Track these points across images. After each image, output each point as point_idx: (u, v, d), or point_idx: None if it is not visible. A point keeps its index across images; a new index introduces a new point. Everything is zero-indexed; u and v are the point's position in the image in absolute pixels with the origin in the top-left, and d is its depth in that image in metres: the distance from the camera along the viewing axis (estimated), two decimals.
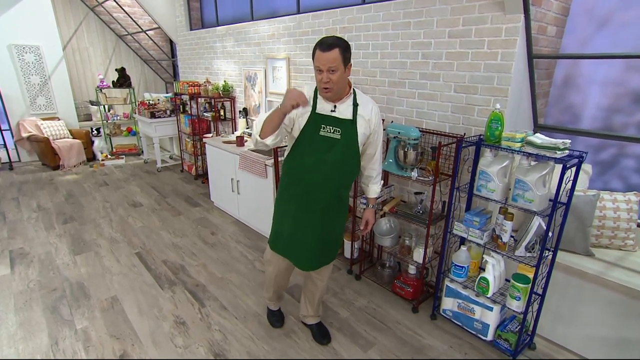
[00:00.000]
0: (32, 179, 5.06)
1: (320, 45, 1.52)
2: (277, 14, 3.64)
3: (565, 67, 2.47)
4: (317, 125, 1.63)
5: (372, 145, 1.78)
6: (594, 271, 1.91)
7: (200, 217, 3.87)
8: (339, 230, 1.89)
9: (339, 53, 1.51)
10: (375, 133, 1.75)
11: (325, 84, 1.55)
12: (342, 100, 1.65)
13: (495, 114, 1.89)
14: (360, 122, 1.67)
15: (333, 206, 1.76)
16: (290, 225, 1.79)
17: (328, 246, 1.85)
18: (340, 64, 1.52)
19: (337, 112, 1.65)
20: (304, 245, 1.79)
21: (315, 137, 1.64)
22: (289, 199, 1.78)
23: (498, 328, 2.07)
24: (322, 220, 1.75)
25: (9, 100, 5.61)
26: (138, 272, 2.82)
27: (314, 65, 1.58)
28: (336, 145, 1.64)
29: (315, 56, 1.55)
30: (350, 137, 1.66)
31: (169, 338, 2.14)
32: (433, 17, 2.28)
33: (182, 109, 5.07)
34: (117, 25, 6.69)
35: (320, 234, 1.77)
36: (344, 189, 1.78)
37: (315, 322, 2.18)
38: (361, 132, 1.67)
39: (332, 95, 1.61)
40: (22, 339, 2.13)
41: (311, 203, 1.72)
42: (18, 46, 5.55)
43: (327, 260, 1.90)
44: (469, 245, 2.19)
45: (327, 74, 1.53)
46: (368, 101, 1.73)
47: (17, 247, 3.18)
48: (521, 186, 1.80)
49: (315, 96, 1.67)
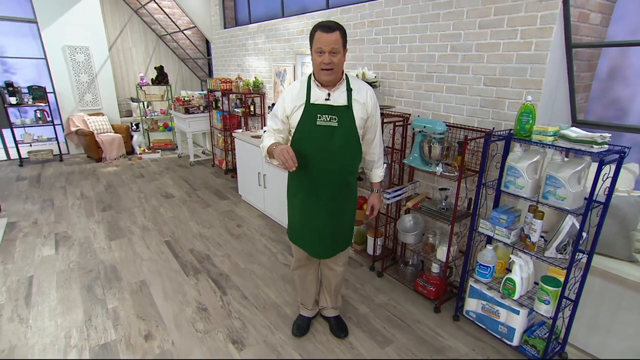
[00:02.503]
0: (78, 169, 5.43)
1: (322, 27, 1.52)
2: (307, 10, 3.67)
3: (611, 57, 2.29)
4: (313, 115, 1.63)
5: (371, 130, 1.77)
6: (636, 278, 1.75)
7: (228, 209, 3.98)
8: (350, 217, 1.87)
9: (340, 36, 1.52)
10: (373, 117, 1.74)
11: (328, 65, 1.54)
12: (335, 87, 1.64)
13: (526, 107, 1.79)
14: (357, 106, 1.66)
15: (340, 193, 1.75)
16: (301, 215, 1.80)
17: (340, 233, 1.84)
18: (341, 47, 1.54)
19: (331, 99, 1.64)
20: (315, 234, 1.79)
21: (313, 127, 1.63)
22: (296, 190, 1.80)
23: (525, 333, 1.95)
24: (331, 208, 1.74)
25: (62, 97, 6.08)
26: (166, 259, 2.95)
27: (312, 48, 1.57)
28: (335, 132, 1.63)
29: (315, 38, 1.54)
30: (348, 123, 1.65)
31: (191, 323, 2.22)
32: (463, 7, 2.19)
33: (215, 105, 5.24)
34: (157, 26, 7.03)
35: (330, 222, 1.76)
36: (350, 175, 1.76)
37: (334, 315, 2.17)
38: (358, 116, 1.66)
39: (333, 78, 1.60)
40: (61, 313, 2.29)
41: (318, 192, 1.72)
42: (70, 47, 5.99)
43: (340, 247, 1.88)
44: (495, 244, 2.08)
45: (329, 56, 1.53)
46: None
47: (62, 230, 3.43)
48: (553, 183, 1.69)
49: (308, 87, 1.66)
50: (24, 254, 2.99)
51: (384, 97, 2.82)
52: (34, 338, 2.07)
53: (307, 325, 2.17)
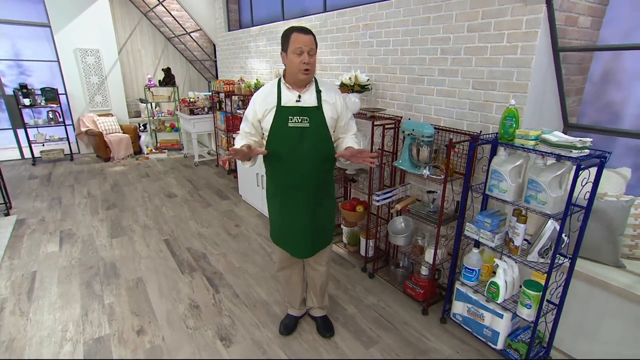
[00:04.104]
0: (86, 169, 5.60)
1: (298, 30, 1.59)
2: (306, 13, 3.71)
3: (604, 61, 2.26)
4: (284, 117, 1.68)
5: (344, 128, 1.84)
6: (619, 284, 1.74)
7: (228, 209, 4.05)
8: (328, 214, 1.90)
9: (314, 40, 1.61)
10: (343, 116, 1.80)
11: (307, 64, 1.60)
12: (305, 89, 1.70)
13: (509, 111, 1.79)
14: (326, 107, 1.72)
15: (317, 192, 1.78)
16: (281, 216, 1.85)
17: (319, 231, 1.87)
18: (315, 49, 1.62)
19: (302, 101, 1.69)
20: (295, 233, 1.83)
21: (285, 129, 1.68)
22: (275, 192, 1.84)
23: (509, 337, 1.95)
24: (309, 207, 1.78)
25: (73, 98, 6.28)
26: (164, 257, 3.03)
27: (288, 49, 1.61)
28: (307, 132, 1.68)
29: (292, 39, 1.59)
30: (319, 123, 1.70)
31: (182, 319, 2.28)
32: (452, 11, 2.20)
33: (219, 107, 5.33)
34: (166, 29, 7.18)
35: (309, 221, 1.80)
36: (325, 173, 1.80)
37: (321, 315, 2.21)
38: (329, 116, 1.72)
39: (309, 77, 1.67)
40: (60, 307, 2.39)
41: (295, 192, 1.76)
42: (82, 50, 6.18)
43: (320, 245, 1.91)
44: (482, 248, 2.09)
45: (308, 56, 1.59)
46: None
47: (67, 228, 3.55)
48: (534, 187, 1.69)
49: (279, 90, 1.71)
50: (29, 250, 3.11)
51: (377, 99, 2.85)
52: (32, 331, 2.17)
53: (294, 324, 2.21)
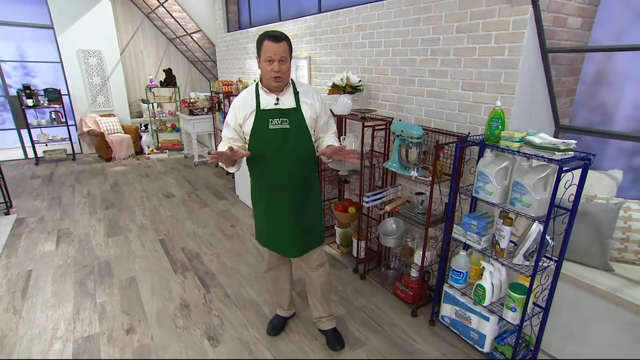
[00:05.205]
0: (88, 169, 5.66)
1: (270, 37, 1.58)
2: (302, 14, 3.72)
3: (596, 61, 2.24)
4: (265, 120, 1.69)
5: (324, 127, 1.85)
6: (606, 287, 1.72)
7: (224, 209, 4.07)
8: (315, 213, 1.90)
9: (287, 46, 1.61)
10: (322, 116, 1.81)
11: (277, 73, 1.62)
12: (283, 92, 1.72)
13: (495, 112, 1.78)
14: (305, 107, 1.74)
15: (301, 190, 1.79)
16: (267, 217, 1.85)
17: (307, 230, 1.86)
18: (288, 56, 1.63)
19: (280, 103, 1.71)
20: (282, 233, 1.83)
21: (266, 131, 1.69)
22: (260, 194, 1.84)
23: (495, 340, 1.94)
24: (294, 206, 1.78)
25: (75, 99, 6.35)
26: (158, 256, 3.05)
27: (261, 56, 1.63)
28: (288, 133, 1.70)
29: (263, 47, 1.60)
30: (299, 123, 1.72)
31: (172, 318, 2.30)
32: (442, 12, 2.19)
33: (218, 107, 5.35)
34: (167, 30, 7.24)
35: (295, 219, 1.80)
36: (309, 172, 1.81)
37: (330, 328, 2.11)
38: (308, 116, 1.74)
39: (281, 84, 1.68)
40: (53, 306, 2.42)
41: (280, 192, 1.77)
42: (84, 51, 6.25)
43: (311, 245, 1.90)
44: (470, 250, 2.08)
45: (279, 64, 1.60)
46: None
47: (65, 227, 3.60)
48: (519, 189, 1.68)
49: (257, 94, 1.72)
50: (26, 249, 3.15)
51: (370, 100, 2.84)
52: (23, 329, 2.20)
53: (282, 324, 2.21)
